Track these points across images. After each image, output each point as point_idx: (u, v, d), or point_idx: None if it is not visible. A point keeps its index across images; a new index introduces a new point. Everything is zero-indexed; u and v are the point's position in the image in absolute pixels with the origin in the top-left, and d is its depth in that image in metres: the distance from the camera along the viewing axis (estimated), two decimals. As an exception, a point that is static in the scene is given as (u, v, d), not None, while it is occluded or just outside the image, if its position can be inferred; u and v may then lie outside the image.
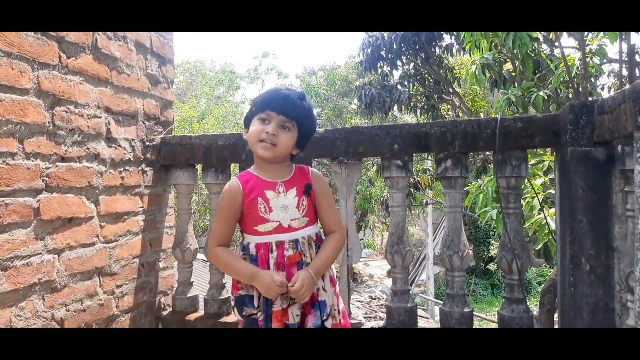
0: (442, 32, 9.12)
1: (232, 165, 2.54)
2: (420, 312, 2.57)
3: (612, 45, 4.34)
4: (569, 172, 1.90)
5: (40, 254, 1.80)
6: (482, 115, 11.58)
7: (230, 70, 25.70)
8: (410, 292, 2.30)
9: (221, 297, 2.48)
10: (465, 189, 2.36)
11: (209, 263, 2.53)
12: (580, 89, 4.39)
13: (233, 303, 1.59)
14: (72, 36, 1.95)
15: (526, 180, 2.39)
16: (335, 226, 1.63)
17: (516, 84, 5.66)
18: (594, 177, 1.84)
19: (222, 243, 1.58)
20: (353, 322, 2.26)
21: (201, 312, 2.52)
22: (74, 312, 1.97)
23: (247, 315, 1.53)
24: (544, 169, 3.85)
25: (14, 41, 1.68)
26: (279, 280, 1.45)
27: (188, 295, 2.55)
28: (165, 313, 2.57)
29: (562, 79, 4.48)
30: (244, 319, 1.56)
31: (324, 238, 1.63)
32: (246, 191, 1.53)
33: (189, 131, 14.06)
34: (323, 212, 1.61)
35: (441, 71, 10.30)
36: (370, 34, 9.89)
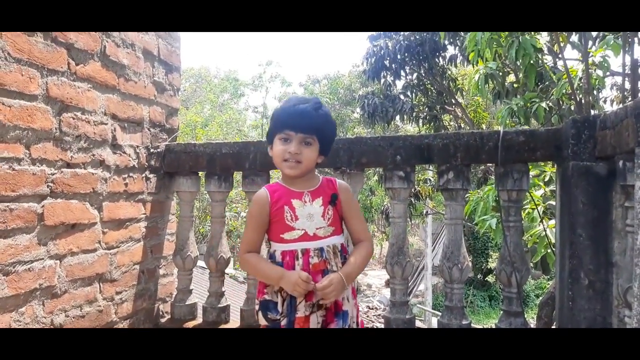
0: (445, 43, 9.16)
1: (235, 173, 2.56)
2: (417, 322, 2.56)
3: (615, 58, 4.36)
4: (569, 186, 1.91)
5: (42, 259, 1.81)
6: (483, 126, 11.60)
7: (234, 78, 25.83)
8: (409, 302, 2.31)
9: (220, 305, 2.49)
10: (465, 197, 2.38)
11: (208, 270, 2.54)
12: (583, 101, 4.41)
13: (257, 307, 1.62)
14: (81, 43, 1.97)
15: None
16: (364, 235, 1.67)
17: (518, 96, 5.67)
18: (594, 192, 1.85)
19: (251, 250, 1.62)
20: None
21: (199, 320, 2.53)
22: (73, 317, 1.97)
23: (271, 319, 1.56)
24: (545, 179, 3.86)
25: (23, 47, 1.70)
26: (305, 275, 1.48)
27: (187, 303, 2.55)
28: (163, 320, 2.57)
29: (564, 91, 4.49)
30: (268, 323, 1.58)
31: (348, 248, 1.66)
32: (273, 199, 1.58)
33: (192, 137, 14.11)
34: (350, 222, 1.65)
35: (444, 82, 10.34)
36: (374, 43, 9.94)
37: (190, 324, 2.48)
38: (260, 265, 1.58)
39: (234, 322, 2.51)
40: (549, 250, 3.56)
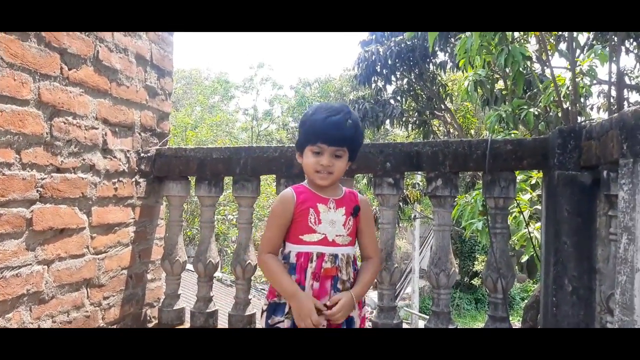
0: (435, 49, 9.23)
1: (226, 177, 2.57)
2: (404, 326, 2.60)
3: (602, 67, 4.44)
4: (555, 195, 1.95)
5: (30, 264, 1.80)
6: (472, 132, 11.72)
7: (224, 80, 25.79)
8: (396, 307, 2.33)
9: (208, 310, 2.48)
10: (453, 203, 2.43)
11: (197, 275, 2.54)
12: (570, 108, 4.48)
13: (264, 307, 1.64)
14: (74, 47, 1.97)
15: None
16: (374, 252, 1.72)
17: (507, 103, 5.74)
18: (579, 200, 1.89)
19: (272, 250, 1.64)
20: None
21: (187, 325, 2.52)
22: (60, 323, 1.96)
23: (272, 323, 1.59)
24: (532, 183, 3.91)
25: (17, 52, 1.70)
26: (316, 319, 1.50)
27: (174, 308, 2.54)
28: (150, 325, 2.56)
29: (551, 98, 4.56)
30: (267, 327, 1.61)
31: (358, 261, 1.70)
32: (299, 200, 1.61)
33: (182, 138, 14.06)
34: (364, 237, 1.69)
35: (434, 87, 10.43)
36: (366, 48, 9.99)
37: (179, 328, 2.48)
38: (278, 273, 1.59)
39: (222, 327, 2.51)
40: (535, 254, 3.61)
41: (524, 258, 3.84)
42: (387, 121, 10.59)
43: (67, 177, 1.97)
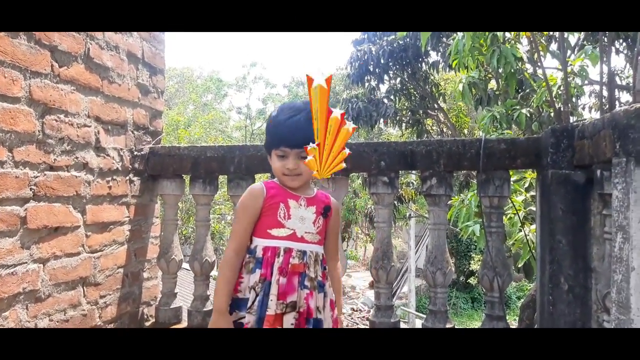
0: (428, 49, 9.25)
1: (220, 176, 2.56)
2: (401, 324, 2.60)
3: (593, 67, 4.46)
4: (549, 193, 1.96)
5: (26, 263, 1.78)
6: (465, 131, 11.76)
7: (217, 78, 25.69)
8: (393, 306, 2.33)
9: (205, 309, 2.48)
10: (448, 202, 2.43)
11: (193, 274, 2.53)
12: (562, 108, 4.50)
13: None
14: (64, 45, 1.96)
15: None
16: (336, 255, 1.74)
17: (500, 102, 5.77)
18: (573, 199, 1.91)
19: (240, 245, 1.59)
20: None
21: (184, 324, 2.52)
22: (57, 322, 1.95)
23: (235, 319, 1.56)
24: (525, 185, 3.93)
25: (7, 49, 1.68)
26: None
27: (171, 306, 2.54)
28: (147, 324, 2.55)
29: (544, 98, 4.59)
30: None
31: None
32: (269, 194, 1.59)
33: (174, 137, 13.99)
34: (329, 240, 1.69)
35: (427, 86, 10.45)
36: (358, 47, 9.99)
37: (175, 328, 2.46)
38: (223, 283, 1.56)
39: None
40: (531, 255, 3.62)
41: (522, 262, 3.86)
42: (381, 120, 10.61)
43: (61, 175, 1.95)
